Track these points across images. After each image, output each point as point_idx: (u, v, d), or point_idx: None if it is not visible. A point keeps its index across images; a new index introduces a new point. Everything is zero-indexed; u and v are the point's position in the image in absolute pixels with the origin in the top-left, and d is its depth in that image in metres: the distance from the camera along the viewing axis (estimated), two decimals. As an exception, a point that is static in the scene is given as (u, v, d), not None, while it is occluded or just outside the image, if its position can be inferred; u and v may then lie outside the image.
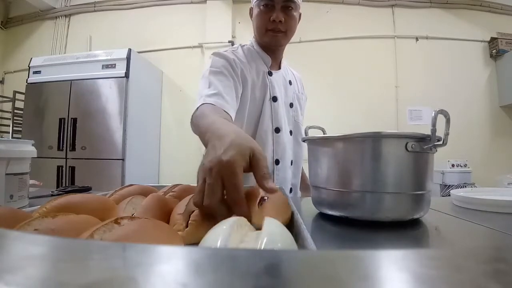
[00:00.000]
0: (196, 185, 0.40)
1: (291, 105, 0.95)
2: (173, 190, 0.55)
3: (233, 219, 0.30)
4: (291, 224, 0.39)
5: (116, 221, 0.26)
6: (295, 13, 0.84)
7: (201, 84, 0.79)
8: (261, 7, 0.82)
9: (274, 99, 0.88)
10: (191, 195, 0.43)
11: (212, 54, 0.86)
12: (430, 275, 0.14)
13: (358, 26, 3.04)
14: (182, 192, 0.56)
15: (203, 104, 0.71)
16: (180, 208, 0.40)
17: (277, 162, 0.89)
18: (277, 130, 0.88)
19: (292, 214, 0.45)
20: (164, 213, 0.41)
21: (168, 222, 0.40)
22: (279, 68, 0.95)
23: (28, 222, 0.27)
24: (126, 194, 0.51)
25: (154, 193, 0.48)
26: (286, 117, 0.93)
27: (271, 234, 0.26)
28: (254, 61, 0.89)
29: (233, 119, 0.75)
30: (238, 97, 0.81)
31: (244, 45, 0.93)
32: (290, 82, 0.97)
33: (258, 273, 0.15)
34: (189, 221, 0.37)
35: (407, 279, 0.14)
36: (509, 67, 2.85)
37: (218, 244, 0.25)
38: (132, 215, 0.34)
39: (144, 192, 0.52)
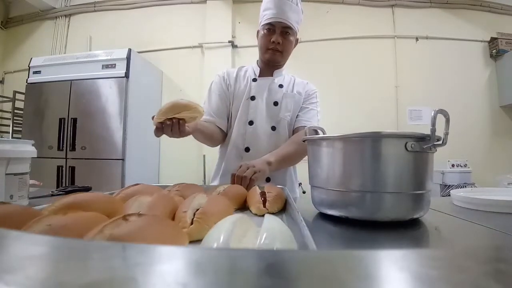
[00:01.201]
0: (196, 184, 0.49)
1: (276, 103, 1.08)
2: (177, 189, 0.57)
3: (236, 216, 0.33)
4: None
5: (124, 218, 0.28)
6: (291, 38, 1.03)
7: (205, 96, 1.15)
8: (265, 30, 1.02)
9: (252, 98, 1.08)
10: (195, 194, 0.45)
11: (216, 74, 1.16)
12: (430, 275, 0.14)
13: (358, 26, 3.03)
14: (186, 189, 0.58)
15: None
16: (185, 206, 0.41)
17: (247, 149, 1.05)
18: (251, 122, 1.06)
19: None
20: (169, 211, 0.43)
21: (173, 219, 0.41)
22: (271, 75, 1.12)
23: (39, 219, 0.29)
24: (131, 193, 0.52)
25: (159, 192, 0.50)
26: (266, 113, 1.07)
27: (271, 230, 0.27)
28: (244, 73, 1.14)
29: (220, 116, 1.08)
30: (226, 101, 1.11)
31: (243, 67, 1.18)
32: (280, 86, 1.11)
33: (258, 273, 0.15)
34: (194, 219, 0.38)
35: (407, 279, 0.14)
36: (509, 67, 2.85)
37: (221, 240, 0.26)
38: (139, 212, 0.35)
39: (149, 191, 0.53)
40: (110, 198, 0.46)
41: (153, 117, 0.75)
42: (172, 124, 0.74)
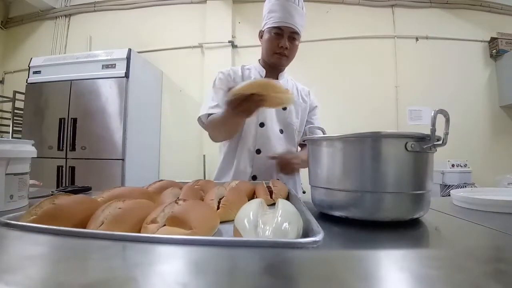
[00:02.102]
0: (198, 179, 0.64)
1: (284, 108, 1.09)
2: (197, 184, 0.67)
3: (257, 200, 0.42)
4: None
5: (176, 202, 0.37)
6: (297, 43, 1.04)
7: (208, 95, 1.08)
8: (272, 33, 1.01)
9: None
10: (217, 187, 0.56)
11: (218, 72, 1.12)
12: (430, 275, 0.14)
13: (358, 26, 3.03)
14: (205, 184, 0.68)
15: (209, 114, 1.00)
16: (211, 195, 0.52)
17: (258, 151, 1.05)
18: (262, 124, 1.06)
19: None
20: (199, 199, 0.54)
21: None
22: (277, 78, 1.12)
23: (110, 204, 0.37)
24: (159, 187, 0.63)
25: (187, 185, 0.61)
26: (276, 117, 1.08)
27: (284, 209, 0.37)
28: (248, 73, 1.11)
29: None
30: None
31: (245, 66, 1.15)
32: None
33: (258, 273, 0.15)
34: (220, 205, 0.48)
35: (407, 279, 0.14)
36: (509, 67, 2.85)
37: (251, 216, 0.35)
38: (177, 199, 0.42)
39: (173, 186, 0.63)
40: (145, 190, 0.58)
41: (229, 89, 0.71)
42: (254, 100, 0.69)
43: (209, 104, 1.02)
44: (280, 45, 1.00)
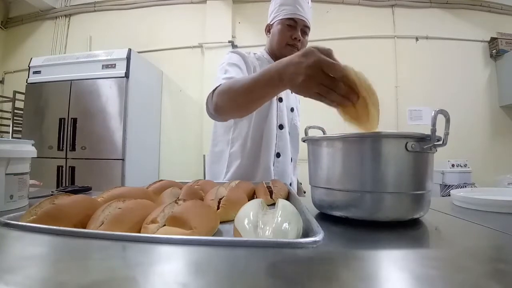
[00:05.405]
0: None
1: (292, 109, 1.08)
2: (197, 184, 0.67)
3: (257, 200, 0.42)
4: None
5: (176, 202, 0.38)
6: (307, 37, 1.01)
7: (218, 73, 0.91)
8: (285, 25, 0.97)
9: (280, 99, 1.02)
10: (217, 187, 0.56)
11: (229, 52, 1.00)
12: (430, 275, 0.14)
13: (358, 26, 3.03)
14: (205, 184, 0.68)
15: (221, 84, 0.79)
16: (211, 195, 0.51)
17: (278, 155, 1.01)
18: (281, 127, 1.02)
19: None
20: (198, 199, 0.52)
21: None
22: None
23: (109, 204, 0.37)
24: (159, 187, 0.64)
25: (187, 185, 0.61)
26: (287, 119, 1.05)
27: (284, 209, 0.37)
28: (263, 65, 1.01)
29: None
30: None
31: (255, 53, 1.06)
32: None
33: (258, 273, 0.15)
34: (220, 205, 0.47)
35: (407, 279, 0.14)
36: (509, 67, 2.85)
37: (251, 216, 0.36)
38: (177, 199, 0.42)
39: (174, 186, 0.63)
40: (145, 190, 0.58)
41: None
42: (351, 93, 0.50)
43: (222, 77, 0.85)
44: (294, 37, 0.96)
